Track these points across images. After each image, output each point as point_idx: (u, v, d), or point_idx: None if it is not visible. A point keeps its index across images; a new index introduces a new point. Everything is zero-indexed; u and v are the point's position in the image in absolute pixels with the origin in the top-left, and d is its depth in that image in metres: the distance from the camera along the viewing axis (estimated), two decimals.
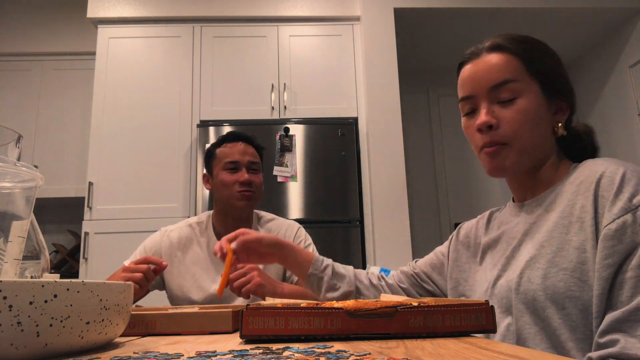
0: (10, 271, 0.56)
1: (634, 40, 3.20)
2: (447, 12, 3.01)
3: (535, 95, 0.77)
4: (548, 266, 0.69)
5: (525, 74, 0.77)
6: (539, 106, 0.77)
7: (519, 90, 0.77)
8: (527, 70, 0.78)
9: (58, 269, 3.08)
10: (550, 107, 0.79)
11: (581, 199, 0.70)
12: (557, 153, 0.81)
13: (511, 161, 0.78)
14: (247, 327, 0.53)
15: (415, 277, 1.00)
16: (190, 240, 1.43)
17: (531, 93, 0.77)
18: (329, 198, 2.64)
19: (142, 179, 2.73)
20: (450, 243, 0.97)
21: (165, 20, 2.96)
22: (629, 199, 0.64)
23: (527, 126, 0.76)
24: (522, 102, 0.76)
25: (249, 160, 1.42)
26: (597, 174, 0.69)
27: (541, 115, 0.77)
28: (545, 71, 0.78)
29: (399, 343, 0.50)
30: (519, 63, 0.78)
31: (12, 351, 0.40)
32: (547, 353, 0.43)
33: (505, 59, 0.78)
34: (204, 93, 2.87)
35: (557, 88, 0.79)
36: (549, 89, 0.78)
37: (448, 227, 3.69)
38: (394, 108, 2.80)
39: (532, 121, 0.77)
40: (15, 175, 0.57)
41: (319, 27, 2.99)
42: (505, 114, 0.77)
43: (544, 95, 0.78)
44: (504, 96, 0.77)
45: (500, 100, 0.78)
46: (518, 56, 0.78)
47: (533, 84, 0.77)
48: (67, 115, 3.15)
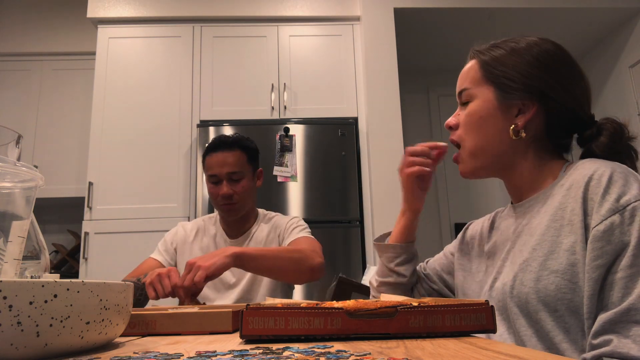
0: (10, 271, 0.56)
1: (634, 40, 3.20)
2: (447, 12, 3.01)
3: (485, 99, 0.80)
4: (540, 269, 0.69)
5: (480, 80, 0.81)
6: (487, 109, 0.80)
7: (472, 95, 0.82)
8: (482, 75, 0.81)
9: (58, 269, 3.08)
10: (508, 108, 0.79)
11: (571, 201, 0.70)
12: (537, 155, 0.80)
13: (465, 164, 0.84)
14: (247, 327, 0.53)
15: (425, 278, 1.01)
16: (202, 230, 1.53)
17: (481, 97, 0.81)
18: (329, 198, 2.64)
19: (142, 179, 2.73)
20: (457, 242, 0.98)
21: (165, 20, 2.96)
22: (616, 200, 0.64)
23: (471, 128, 0.81)
24: (470, 106, 0.82)
25: (227, 172, 1.43)
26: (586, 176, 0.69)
27: (489, 118, 0.79)
28: (500, 73, 0.79)
29: (399, 343, 0.50)
30: (477, 69, 0.82)
31: (12, 351, 0.40)
32: (547, 353, 0.43)
33: (470, 68, 0.84)
34: (204, 93, 2.86)
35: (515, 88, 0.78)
36: (505, 91, 0.79)
37: (448, 228, 3.69)
38: (394, 108, 2.80)
39: (477, 123, 0.80)
40: (15, 175, 0.57)
41: (319, 27, 2.99)
42: (461, 118, 0.84)
43: (497, 97, 0.79)
44: (463, 101, 0.84)
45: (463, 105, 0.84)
46: (478, 62, 0.83)
47: (485, 89, 0.80)
48: (67, 115, 3.15)
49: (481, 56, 0.83)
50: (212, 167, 1.45)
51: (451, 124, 0.85)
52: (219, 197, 1.43)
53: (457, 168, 0.86)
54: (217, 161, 1.44)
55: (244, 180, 1.46)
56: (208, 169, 1.47)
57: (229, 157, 1.45)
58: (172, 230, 1.56)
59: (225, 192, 1.42)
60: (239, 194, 1.44)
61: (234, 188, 1.44)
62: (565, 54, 0.81)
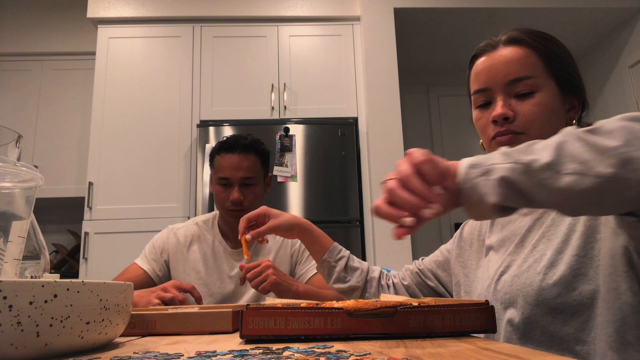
0: (10, 271, 0.56)
1: (634, 40, 3.20)
2: (447, 12, 3.01)
3: (551, 91, 0.78)
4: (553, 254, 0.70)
5: (543, 70, 0.78)
6: (555, 102, 0.78)
7: (537, 85, 0.78)
8: (544, 66, 0.79)
9: (58, 269, 3.08)
10: (565, 104, 0.80)
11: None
12: None
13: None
14: (247, 327, 0.53)
15: (420, 273, 1.01)
16: (197, 238, 1.43)
17: (548, 89, 0.78)
18: (329, 198, 2.64)
19: (142, 179, 2.73)
20: (455, 240, 0.98)
21: (165, 20, 2.96)
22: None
23: (542, 120, 0.77)
24: (539, 97, 0.78)
25: (241, 176, 1.35)
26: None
27: (556, 111, 0.79)
28: (561, 68, 0.80)
29: (399, 343, 0.50)
30: (537, 59, 0.79)
31: (12, 351, 0.40)
32: (547, 353, 0.43)
33: (524, 54, 0.79)
34: (204, 93, 2.86)
35: (571, 85, 0.80)
36: (564, 86, 0.79)
37: (448, 227, 3.69)
38: (394, 108, 2.80)
39: (548, 116, 0.78)
40: (15, 175, 0.57)
41: (319, 27, 2.99)
42: (522, 108, 0.78)
43: (559, 92, 0.79)
44: (521, 90, 0.78)
45: (517, 94, 0.78)
46: (537, 51, 0.79)
47: (550, 80, 0.79)
48: (67, 115, 3.14)
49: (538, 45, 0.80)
50: (224, 169, 1.36)
51: (509, 114, 0.78)
52: (227, 201, 1.35)
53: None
54: (231, 164, 1.36)
55: (256, 187, 1.38)
56: (219, 170, 1.37)
57: (244, 160, 1.36)
58: (162, 236, 1.44)
59: (236, 198, 1.33)
60: (250, 201, 1.36)
61: (246, 194, 1.36)
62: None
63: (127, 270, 1.38)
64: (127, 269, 1.39)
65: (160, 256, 1.40)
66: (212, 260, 1.41)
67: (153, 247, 1.41)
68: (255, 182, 1.38)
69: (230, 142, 1.39)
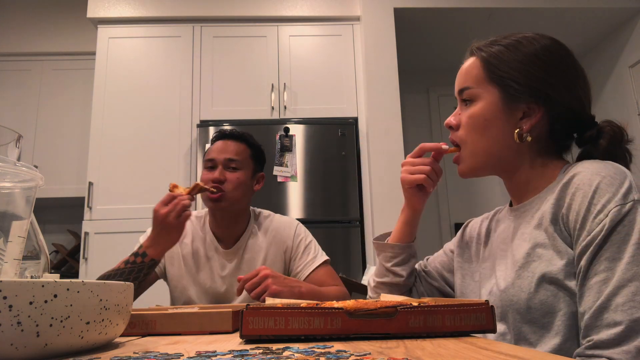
0: (10, 271, 0.56)
1: (634, 40, 3.20)
2: (447, 12, 3.01)
3: (489, 100, 0.78)
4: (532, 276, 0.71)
5: (483, 79, 0.79)
6: (492, 111, 0.78)
7: (475, 95, 0.80)
8: (486, 75, 0.79)
9: (58, 269, 3.08)
10: (513, 112, 0.77)
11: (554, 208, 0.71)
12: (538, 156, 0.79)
13: (465, 164, 0.82)
14: (247, 327, 0.53)
15: (426, 275, 1.00)
16: (189, 232, 1.42)
17: (485, 99, 0.78)
18: (329, 198, 2.64)
19: (142, 179, 2.73)
20: (456, 241, 0.97)
21: (165, 20, 2.96)
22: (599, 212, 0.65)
23: (474, 130, 0.79)
24: (474, 107, 0.80)
25: (225, 157, 1.36)
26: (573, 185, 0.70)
27: (494, 120, 0.77)
28: (505, 75, 0.77)
29: (399, 343, 0.50)
30: (480, 68, 0.80)
31: (12, 351, 0.40)
32: (547, 353, 0.43)
33: (471, 65, 0.82)
34: (204, 93, 2.86)
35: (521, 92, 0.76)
36: (511, 94, 0.77)
37: (448, 228, 3.69)
38: (394, 108, 2.80)
39: (481, 126, 0.78)
40: (15, 175, 0.57)
41: (319, 27, 2.99)
42: (462, 118, 0.82)
43: (502, 99, 0.77)
44: (465, 99, 0.82)
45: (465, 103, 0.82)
46: (481, 61, 0.80)
47: (490, 89, 0.78)
48: (67, 115, 3.15)
49: (483, 54, 0.80)
50: (210, 152, 1.39)
51: (452, 123, 0.83)
52: (209, 182, 1.34)
53: (456, 168, 0.86)
54: (217, 147, 1.38)
55: (240, 172, 1.37)
56: (207, 155, 1.40)
57: (230, 145, 1.39)
58: None
59: (216, 176, 1.33)
60: (231, 184, 1.34)
61: (228, 176, 1.35)
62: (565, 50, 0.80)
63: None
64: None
65: None
66: (204, 258, 1.40)
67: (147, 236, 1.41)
68: (239, 166, 1.37)
69: (222, 131, 1.43)
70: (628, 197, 0.64)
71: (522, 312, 0.70)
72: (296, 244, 1.43)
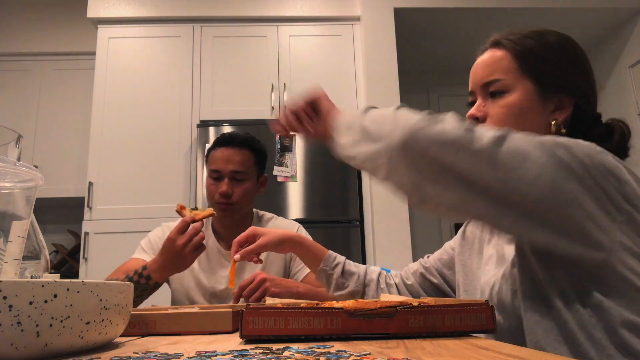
0: (10, 271, 0.56)
1: (634, 40, 3.20)
2: (447, 12, 3.01)
3: (524, 91, 0.77)
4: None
5: (516, 71, 0.78)
6: (528, 102, 0.77)
7: (507, 86, 0.78)
8: (519, 67, 0.78)
9: (58, 269, 3.08)
10: (546, 104, 0.77)
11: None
12: None
13: None
14: (247, 327, 0.53)
15: (425, 272, 1.00)
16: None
17: (520, 89, 0.78)
18: (329, 198, 2.64)
19: (142, 179, 2.73)
20: (458, 239, 0.97)
21: (165, 20, 2.96)
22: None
23: (510, 120, 0.77)
24: (508, 98, 0.78)
25: (232, 169, 1.35)
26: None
27: (528, 111, 0.77)
28: (540, 68, 0.78)
29: (399, 343, 0.50)
30: (512, 60, 0.79)
31: (12, 351, 0.40)
32: (546, 353, 0.43)
33: (499, 56, 0.80)
34: (204, 93, 2.87)
35: (555, 85, 0.77)
36: (545, 86, 0.77)
37: (448, 227, 3.69)
38: None
39: (517, 116, 0.77)
40: (15, 175, 0.57)
41: (319, 27, 2.99)
42: (492, 109, 0.80)
43: (537, 92, 0.77)
44: (494, 91, 0.80)
45: (492, 95, 0.80)
46: (511, 52, 0.79)
47: (524, 81, 0.78)
48: (67, 115, 3.15)
49: (515, 47, 0.79)
50: (216, 162, 1.37)
51: (478, 115, 0.81)
52: (216, 194, 1.35)
53: None
54: (222, 156, 1.36)
55: (247, 182, 1.38)
56: (211, 163, 1.38)
57: (236, 154, 1.37)
58: (157, 233, 1.43)
59: (224, 190, 1.33)
60: (238, 196, 1.36)
61: (235, 188, 1.36)
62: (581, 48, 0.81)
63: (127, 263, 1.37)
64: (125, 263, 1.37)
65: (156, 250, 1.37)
66: (205, 260, 1.40)
67: (149, 242, 1.41)
68: (245, 177, 1.38)
69: (226, 137, 1.40)
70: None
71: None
72: None
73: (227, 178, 1.35)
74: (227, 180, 1.35)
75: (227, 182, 1.35)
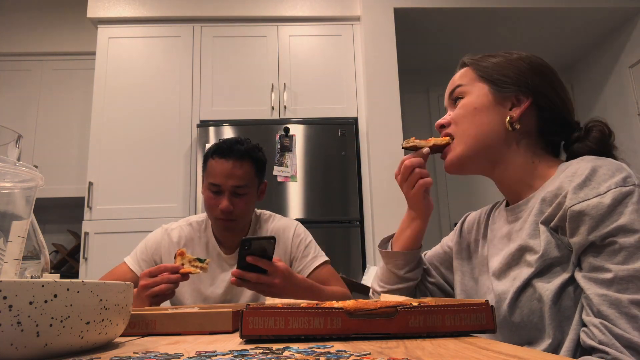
0: (10, 271, 0.56)
1: (634, 40, 3.20)
2: (447, 12, 3.01)
3: (479, 92, 0.83)
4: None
5: (473, 78, 0.84)
6: (482, 101, 0.82)
7: (465, 91, 0.85)
8: (476, 75, 0.84)
9: (58, 269, 3.08)
10: (503, 102, 0.81)
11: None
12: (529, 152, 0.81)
13: (454, 153, 0.84)
14: (247, 327, 0.53)
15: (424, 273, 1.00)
16: (190, 240, 1.40)
17: (476, 92, 0.83)
18: (329, 198, 2.64)
19: (142, 179, 2.73)
20: (455, 236, 0.97)
21: (165, 20, 2.96)
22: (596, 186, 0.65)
23: (466, 119, 0.82)
24: (464, 100, 0.84)
25: (233, 185, 1.28)
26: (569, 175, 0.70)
27: (483, 110, 0.81)
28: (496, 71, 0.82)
29: (399, 343, 0.50)
30: (470, 70, 0.86)
31: (12, 351, 0.40)
32: (547, 353, 0.43)
33: (463, 72, 0.87)
34: (204, 93, 2.87)
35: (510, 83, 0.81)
36: (499, 86, 0.81)
37: (448, 227, 3.69)
38: (394, 108, 2.80)
39: (472, 114, 0.82)
40: (15, 175, 0.57)
41: (319, 27, 2.99)
42: (453, 113, 0.86)
43: (491, 91, 0.82)
44: (456, 97, 0.86)
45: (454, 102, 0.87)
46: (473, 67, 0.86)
47: (480, 84, 0.83)
48: (67, 115, 3.15)
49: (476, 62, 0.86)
50: (216, 176, 1.29)
51: (443, 122, 0.87)
52: (216, 210, 1.29)
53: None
54: (223, 170, 1.29)
55: (247, 196, 1.32)
56: (210, 176, 1.31)
57: (237, 169, 1.29)
58: (156, 237, 1.39)
59: (225, 207, 1.27)
60: (240, 210, 1.31)
61: (236, 203, 1.30)
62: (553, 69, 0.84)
63: (115, 271, 1.34)
64: (116, 269, 1.35)
65: (151, 257, 1.36)
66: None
67: (145, 248, 1.37)
68: (247, 191, 1.32)
69: (226, 146, 1.32)
70: (628, 180, 0.65)
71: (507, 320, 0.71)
72: (296, 244, 1.42)
73: (228, 193, 1.29)
74: (228, 196, 1.29)
75: (228, 197, 1.29)
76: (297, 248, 1.41)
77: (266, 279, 1.10)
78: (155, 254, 1.37)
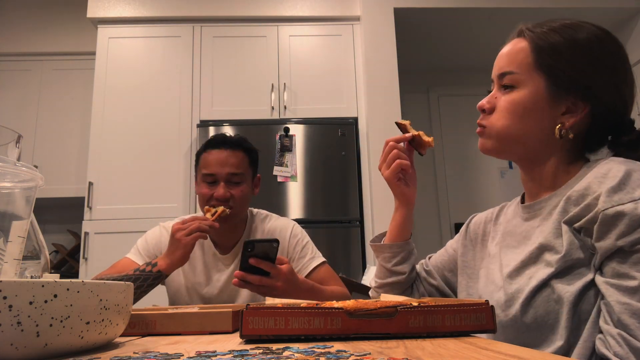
0: (10, 271, 0.56)
1: (634, 40, 3.20)
2: (447, 12, 3.01)
3: (534, 88, 0.74)
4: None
5: (530, 66, 0.75)
6: (535, 101, 0.74)
7: (518, 81, 0.75)
8: (534, 62, 0.74)
9: (58, 269, 3.08)
10: (557, 105, 0.73)
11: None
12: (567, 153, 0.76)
13: (489, 143, 0.79)
14: (247, 327, 0.53)
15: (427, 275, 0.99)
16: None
17: (530, 86, 0.74)
18: (329, 198, 2.64)
19: (142, 179, 2.73)
20: (460, 238, 0.95)
21: (165, 20, 2.96)
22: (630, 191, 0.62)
23: (511, 116, 0.75)
24: (516, 93, 0.75)
25: (228, 172, 1.30)
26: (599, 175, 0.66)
27: (534, 111, 0.74)
28: (556, 65, 0.73)
29: (399, 343, 0.50)
30: (529, 54, 0.75)
31: (12, 351, 0.40)
32: (547, 353, 0.43)
33: (519, 48, 0.77)
34: (204, 93, 2.87)
35: (569, 86, 0.73)
36: (557, 86, 0.73)
37: (448, 228, 3.69)
38: (394, 108, 2.80)
39: (519, 114, 0.74)
40: (15, 175, 0.57)
41: (319, 27, 2.99)
42: (500, 102, 0.77)
43: (548, 90, 0.73)
44: (505, 84, 0.77)
45: (504, 88, 0.78)
46: (532, 46, 0.75)
47: (536, 78, 0.74)
48: (67, 115, 3.15)
49: (536, 40, 0.75)
50: (209, 165, 1.30)
51: (485, 106, 0.79)
52: (212, 199, 1.29)
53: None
54: (217, 159, 1.30)
55: (243, 185, 1.33)
56: (204, 167, 1.31)
57: (231, 156, 1.31)
58: (155, 234, 1.39)
59: (222, 194, 1.27)
60: (237, 199, 1.30)
61: (233, 192, 1.30)
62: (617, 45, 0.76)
63: (118, 264, 1.33)
64: (118, 262, 1.34)
65: (152, 252, 1.36)
66: (200, 263, 1.38)
67: (146, 242, 1.38)
68: (242, 179, 1.33)
69: (218, 139, 1.35)
70: None
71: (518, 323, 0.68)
72: (293, 244, 1.41)
73: (223, 181, 1.30)
74: (224, 184, 1.30)
75: (224, 185, 1.30)
76: (294, 249, 1.41)
77: (268, 282, 1.10)
78: (156, 248, 1.37)
